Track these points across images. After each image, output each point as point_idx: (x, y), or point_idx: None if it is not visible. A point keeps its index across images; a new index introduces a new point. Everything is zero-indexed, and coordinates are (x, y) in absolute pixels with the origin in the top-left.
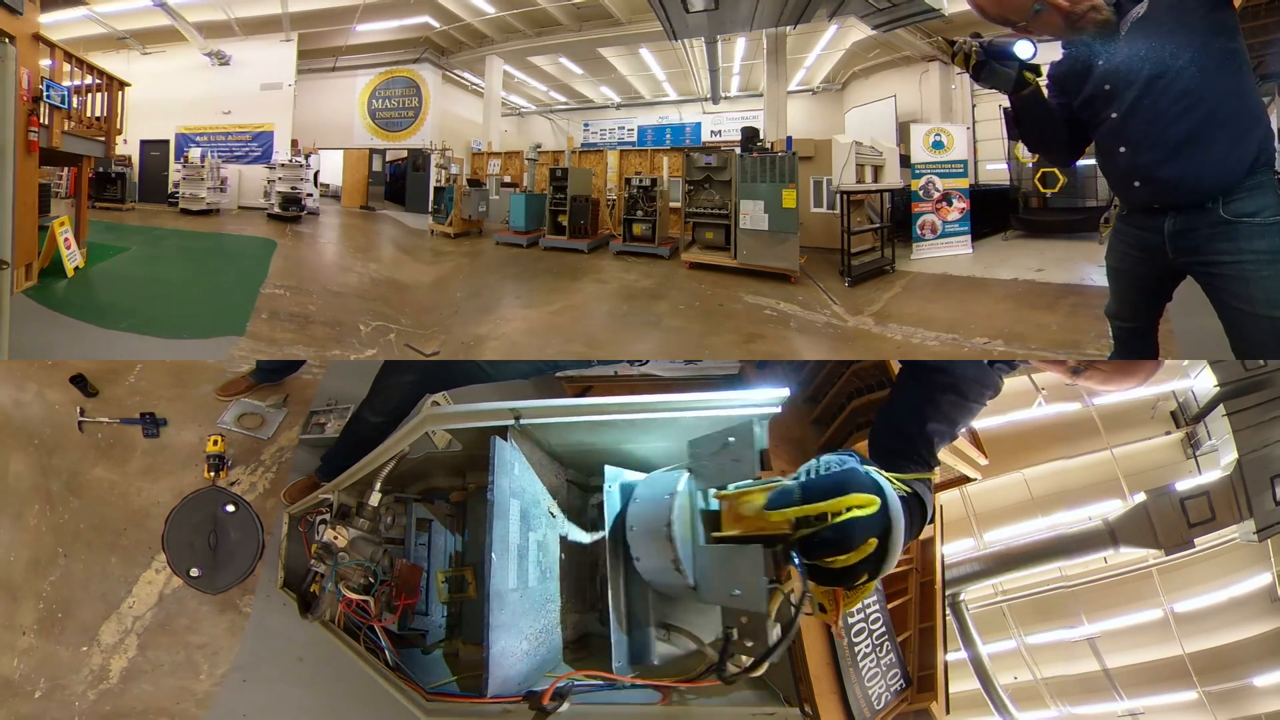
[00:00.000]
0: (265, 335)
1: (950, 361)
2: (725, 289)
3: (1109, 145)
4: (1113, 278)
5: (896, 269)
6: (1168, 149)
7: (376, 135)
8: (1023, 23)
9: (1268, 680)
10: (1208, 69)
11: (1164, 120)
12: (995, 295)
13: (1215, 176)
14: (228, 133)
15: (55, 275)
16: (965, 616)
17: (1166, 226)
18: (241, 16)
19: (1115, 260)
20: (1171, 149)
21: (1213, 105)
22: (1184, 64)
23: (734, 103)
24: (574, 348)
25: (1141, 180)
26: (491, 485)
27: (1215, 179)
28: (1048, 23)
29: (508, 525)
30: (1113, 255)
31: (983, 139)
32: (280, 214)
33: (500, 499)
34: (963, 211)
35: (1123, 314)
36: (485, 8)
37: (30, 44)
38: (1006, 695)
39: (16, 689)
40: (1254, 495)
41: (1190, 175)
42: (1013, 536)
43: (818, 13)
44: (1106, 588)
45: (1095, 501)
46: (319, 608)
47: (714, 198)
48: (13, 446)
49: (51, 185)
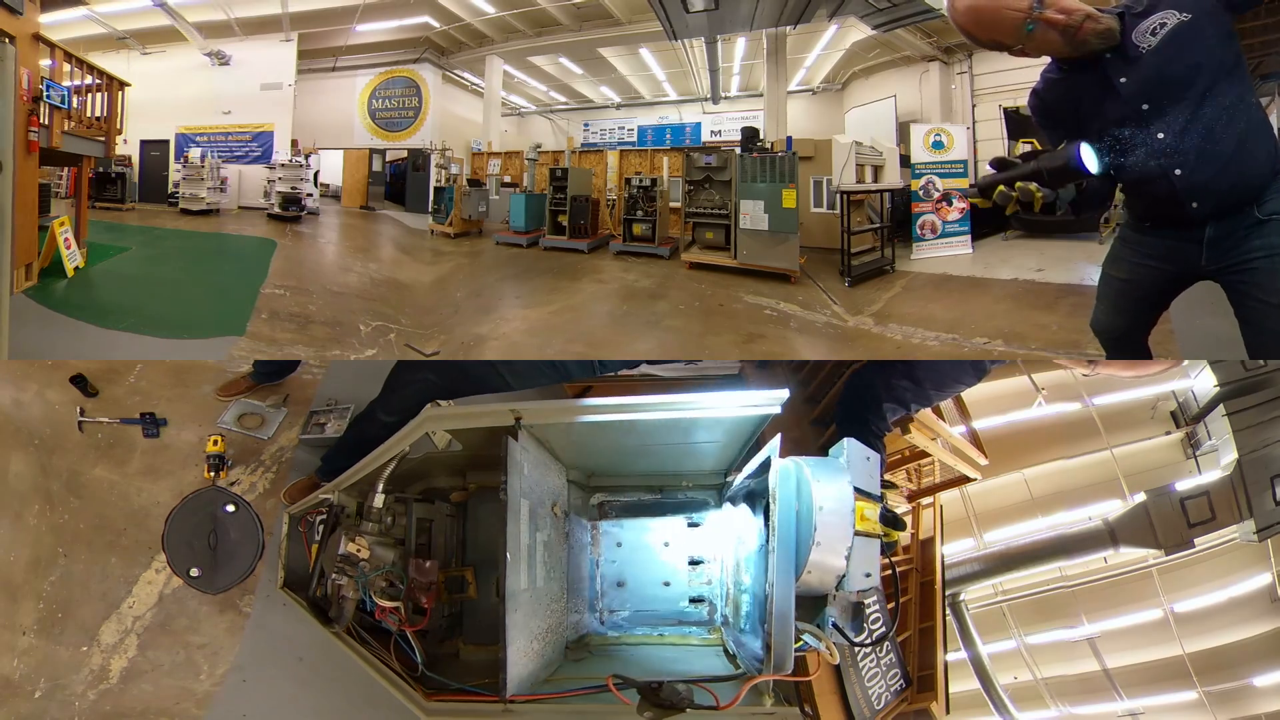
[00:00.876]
0: (265, 335)
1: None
2: (725, 289)
3: (1157, 168)
4: (1113, 289)
5: (896, 269)
6: (1222, 161)
7: (376, 135)
8: (1017, 45)
9: (1268, 680)
10: (1237, 75)
11: (1216, 133)
12: (995, 295)
13: (1259, 180)
14: (228, 133)
15: (55, 275)
16: (965, 616)
17: (1207, 234)
18: (241, 16)
19: (1123, 271)
20: (1225, 161)
21: (1247, 112)
22: (1228, 72)
23: (734, 103)
24: (574, 348)
25: (1200, 199)
26: (505, 485)
27: (1259, 183)
28: (1043, 42)
29: (520, 525)
30: (1119, 266)
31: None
32: (280, 214)
33: (513, 499)
34: (963, 211)
35: (1115, 326)
36: (485, 8)
37: (30, 44)
38: (1006, 695)
39: (16, 689)
40: (1254, 495)
41: (1242, 184)
42: (1013, 536)
43: (818, 13)
44: (1106, 588)
45: (1095, 501)
46: (344, 617)
47: (714, 198)
48: (13, 446)
49: (51, 185)
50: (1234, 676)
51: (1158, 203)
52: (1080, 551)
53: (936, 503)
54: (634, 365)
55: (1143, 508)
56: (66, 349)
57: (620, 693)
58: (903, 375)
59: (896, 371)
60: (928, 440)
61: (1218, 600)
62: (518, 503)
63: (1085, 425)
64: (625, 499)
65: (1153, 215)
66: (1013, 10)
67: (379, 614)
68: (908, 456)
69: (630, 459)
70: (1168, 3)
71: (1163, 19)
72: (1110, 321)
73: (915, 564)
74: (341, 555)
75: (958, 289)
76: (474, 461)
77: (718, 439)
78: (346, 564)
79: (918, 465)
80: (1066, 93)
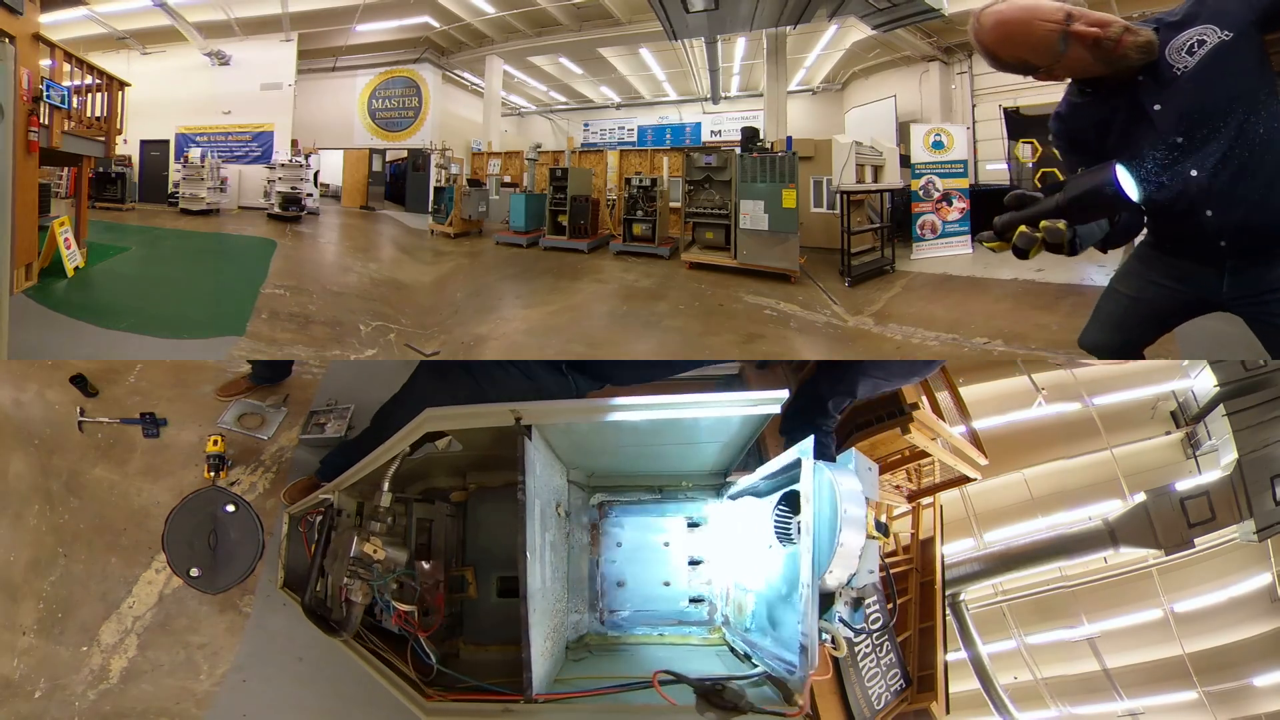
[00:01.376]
0: (265, 335)
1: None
2: (725, 289)
3: (1186, 207)
4: (1119, 306)
5: (896, 269)
6: (1254, 202)
7: (376, 135)
8: (1044, 66)
9: (1268, 680)
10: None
11: (1250, 171)
12: (995, 295)
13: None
14: (228, 133)
15: (55, 275)
16: (965, 616)
17: (1231, 263)
18: (241, 16)
19: (1133, 288)
20: (1258, 202)
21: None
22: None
23: (734, 103)
24: (574, 348)
25: (1229, 238)
26: (522, 484)
27: None
28: (1074, 61)
29: (534, 525)
30: (1130, 283)
31: (983, 139)
32: (280, 214)
33: (529, 498)
34: (963, 211)
35: (1109, 344)
36: (485, 8)
37: (30, 44)
38: (1006, 695)
39: (16, 689)
40: (1254, 495)
41: (1275, 224)
42: (1013, 536)
43: (818, 13)
44: (1106, 588)
45: (1095, 501)
46: (351, 624)
47: (714, 198)
48: (13, 446)
49: (51, 185)
50: (1234, 676)
51: (1182, 234)
52: (1080, 551)
53: (936, 503)
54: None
55: (1143, 508)
56: (66, 349)
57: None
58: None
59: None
60: (928, 440)
61: (1218, 600)
62: (533, 502)
63: (1085, 425)
64: (625, 499)
65: (1174, 240)
66: (1046, 23)
67: (396, 619)
68: (908, 456)
69: (630, 459)
70: (1207, 15)
71: (1201, 35)
72: (1105, 339)
73: (915, 564)
74: (354, 557)
75: (958, 289)
76: (474, 461)
77: (718, 439)
78: (360, 566)
79: (918, 465)
80: (1093, 118)
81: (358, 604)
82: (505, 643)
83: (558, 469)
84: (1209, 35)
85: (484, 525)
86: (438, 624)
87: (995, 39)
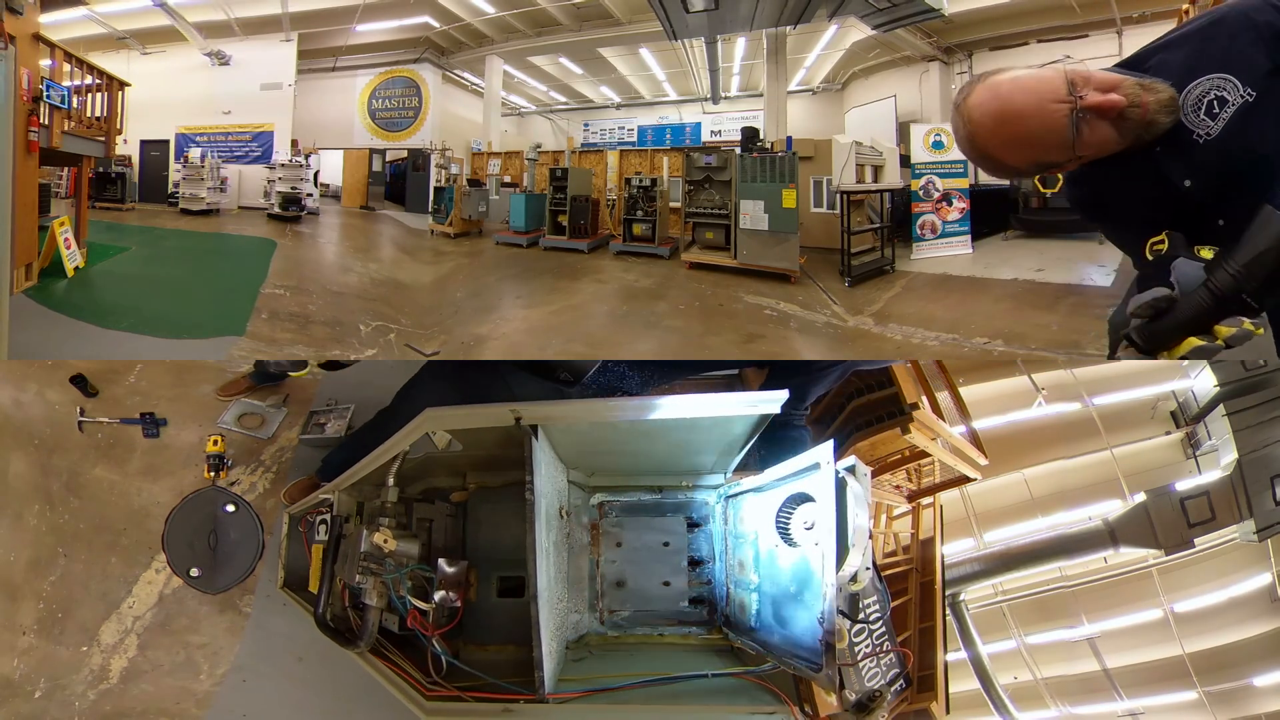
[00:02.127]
0: (265, 335)
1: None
2: (725, 289)
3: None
4: None
5: (896, 269)
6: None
7: (376, 135)
8: (1064, 160)
9: (1268, 680)
10: None
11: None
12: (995, 295)
13: None
14: (228, 133)
15: (55, 275)
16: (965, 616)
17: None
18: (241, 16)
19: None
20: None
21: None
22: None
23: (734, 103)
24: (574, 348)
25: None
26: (530, 484)
27: None
28: (1094, 140)
29: (542, 524)
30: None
31: None
32: (280, 214)
33: (537, 498)
34: (963, 211)
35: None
36: (485, 8)
37: (30, 44)
38: (1006, 695)
39: (16, 689)
40: (1254, 495)
41: None
42: (1013, 536)
43: (818, 13)
44: (1106, 588)
45: (1095, 501)
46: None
47: (714, 198)
48: (13, 446)
49: (51, 185)
50: (1234, 676)
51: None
52: (1080, 551)
53: (936, 503)
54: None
55: (1143, 508)
56: (66, 349)
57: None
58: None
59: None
60: (928, 440)
61: (1218, 600)
62: (540, 502)
63: (1085, 425)
64: (625, 499)
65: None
66: (1056, 104)
67: (411, 620)
68: (908, 456)
69: (630, 459)
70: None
71: (1217, 91)
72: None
73: (915, 564)
74: (364, 552)
75: (958, 289)
76: (474, 461)
77: (718, 439)
78: (372, 560)
79: (918, 465)
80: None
81: (373, 607)
82: (505, 643)
83: (559, 469)
84: (1229, 93)
85: (484, 525)
86: (455, 622)
87: (1001, 142)
